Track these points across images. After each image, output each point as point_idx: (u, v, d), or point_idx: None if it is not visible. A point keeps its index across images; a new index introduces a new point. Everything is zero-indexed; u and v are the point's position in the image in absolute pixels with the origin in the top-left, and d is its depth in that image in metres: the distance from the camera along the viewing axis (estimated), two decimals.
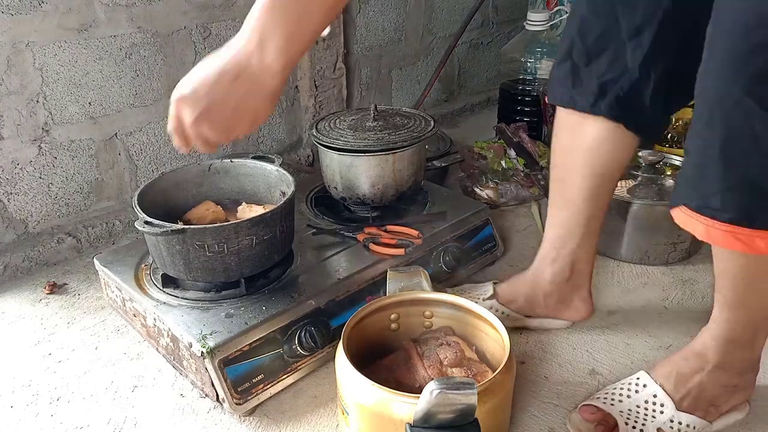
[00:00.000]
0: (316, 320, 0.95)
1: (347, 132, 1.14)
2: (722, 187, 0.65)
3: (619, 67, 0.86)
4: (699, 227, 0.68)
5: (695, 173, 0.68)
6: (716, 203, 0.66)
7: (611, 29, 0.85)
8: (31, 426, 0.90)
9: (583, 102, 0.90)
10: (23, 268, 1.26)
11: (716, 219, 0.66)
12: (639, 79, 0.85)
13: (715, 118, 0.64)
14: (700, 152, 0.67)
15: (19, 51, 1.18)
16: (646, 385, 0.86)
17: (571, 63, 0.90)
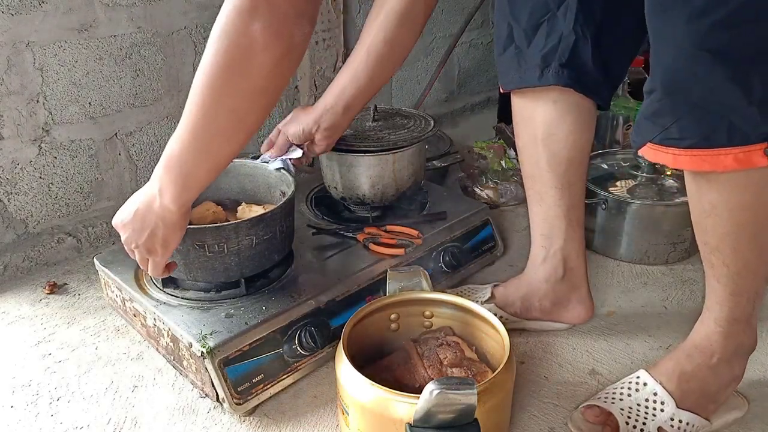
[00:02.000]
0: (316, 320, 0.95)
1: (347, 132, 1.14)
2: (675, 118, 0.70)
3: (555, 36, 0.90)
4: (667, 157, 0.73)
5: (652, 111, 0.73)
6: (675, 134, 0.71)
7: (539, 4, 0.91)
8: (31, 426, 0.90)
9: (531, 77, 0.93)
10: (23, 268, 1.26)
11: (679, 147, 0.71)
12: (576, 40, 0.90)
13: (657, 64, 0.71)
14: (655, 95, 0.72)
15: (19, 51, 1.18)
16: (646, 384, 0.86)
17: (514, 47, 0.95)
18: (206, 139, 0.73)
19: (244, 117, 0.72)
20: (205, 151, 0.75)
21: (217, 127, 0.72)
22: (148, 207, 0.81)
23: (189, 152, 0.74)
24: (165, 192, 0.78)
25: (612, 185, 1.31)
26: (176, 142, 0.74)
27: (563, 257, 1.02)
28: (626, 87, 1.61)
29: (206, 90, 0.73)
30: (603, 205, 1.26)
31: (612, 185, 1.31)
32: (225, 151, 0.75)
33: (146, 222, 0.81)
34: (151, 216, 0.81)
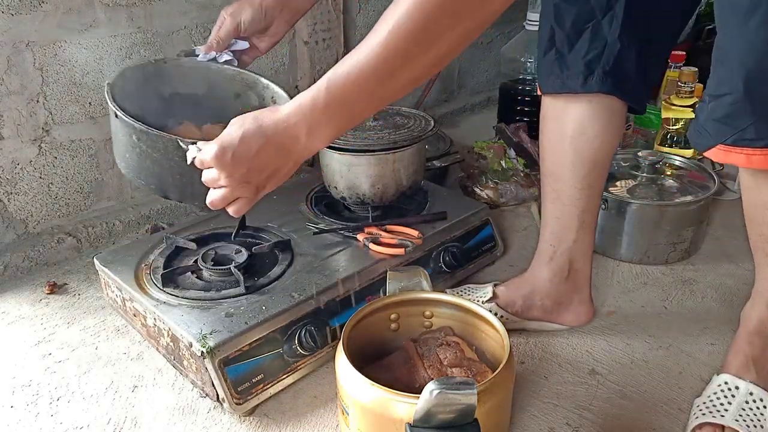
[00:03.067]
0: (316, 320, 0.95)
1: (347, 132, 1.14)
2: (753, 120, 0.74)
3: (599, 43, 0.91)
4: (740, 158, 0.77)
5: (724, 113, 0.76)
6: (750, 134, 0.75)
7: (585, 11, 0.91)
8: (31, 426, 0.90)
9: (574, 83, 0.94)
10: (23, 268, 1.26)
11: (753, 147, 0.76)
12: (620, 49, 0.91)
13: (735, 68, 0.73)
14: (728, 98, 0.75)
15: (19, 51, 1.18)
16: (738, 387, 0.86)
17: (556, 51, 0.95)
18: (386, 84, 0.67)
19: (428, 70, 0.67)
20: (378, 98, 0.69)
21: (405, 75, 0.66)
22: (281, 146, 0.71)
23: (363, 95, 0.67)
24: (318, 132, 0.70)
25: (612, 185, 1.31)
26: (349, 83, 0.67)
27: (570, 258, 1.02)
28: None
29: (416, 31, 0.63)
30: (603, 205, 1.26)
31: (612, 185, 1.31)
32: (390, 97, 0.69)
33: (272, 162, 0.72)
34: (283, 155, 0.72)
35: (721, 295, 1.17)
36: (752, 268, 1.26)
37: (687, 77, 1.56)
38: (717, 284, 1.20)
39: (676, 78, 1.60)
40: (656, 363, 1.00)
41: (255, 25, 0.92)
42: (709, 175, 1.34)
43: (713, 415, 0.85)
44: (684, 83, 1.55)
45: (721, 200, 1.49)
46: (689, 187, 1.30)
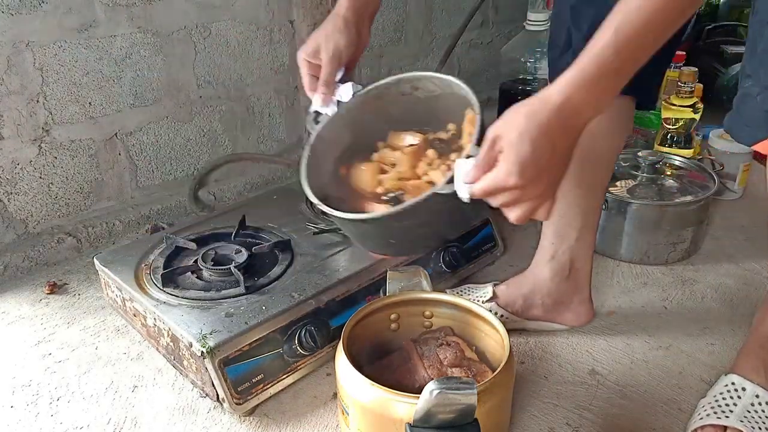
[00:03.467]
0: (316, 320, 0.95)
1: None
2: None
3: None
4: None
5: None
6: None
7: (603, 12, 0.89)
8: (31, 426, 0.90)
9: None
10: (23, 268, 1.26)
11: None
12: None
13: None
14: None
15: (19, 51, 1.18)
16: (744, 388, 0.86)
17: (573, 52, 0.93)
18: (672, 12, 0.64)
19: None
20: (664, 32, 0.65)
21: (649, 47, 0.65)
22: (570, 130, 0.67)
23: (652, 32, 0.65)
24: (607, 96, 0.66)
25: (612, 185, 1.31)
26: (640, 25, 0.63)
27: (571, 257, 1.02)
28: None
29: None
30: (603, 205, 1.25)
31: (612, 185, 1.31)
32: (672, 29, 0.66)
33: (566, 152, 0.68)
34: (569, 140, 0.67)
35: (721, 295, 1.17)
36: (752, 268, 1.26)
37: (687, 77, 1.55)
38: (717, 284, 1.20)
39: (676, 78, 1.60)
40: (656, 363, 1.00)
41: (351, 50, 0.84)
42: (709, 175, 1.34)
43: (718, 416, 0.84)
44: (684, 83, 1.55)
45: (721, 200, 1.49)
46: (689, 187, 1.30)
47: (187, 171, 1.49)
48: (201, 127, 1.48)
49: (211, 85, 1.45)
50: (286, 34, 1.54)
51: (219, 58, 1.44)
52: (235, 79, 1.49)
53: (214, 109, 1.48)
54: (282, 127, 1.63)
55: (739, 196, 1.52)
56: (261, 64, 1.52)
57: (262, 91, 1.55)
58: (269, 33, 1.51)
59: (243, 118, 1.54)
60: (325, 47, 0.83)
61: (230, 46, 1.45)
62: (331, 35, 0.83)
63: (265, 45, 1.51)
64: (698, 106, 1.55)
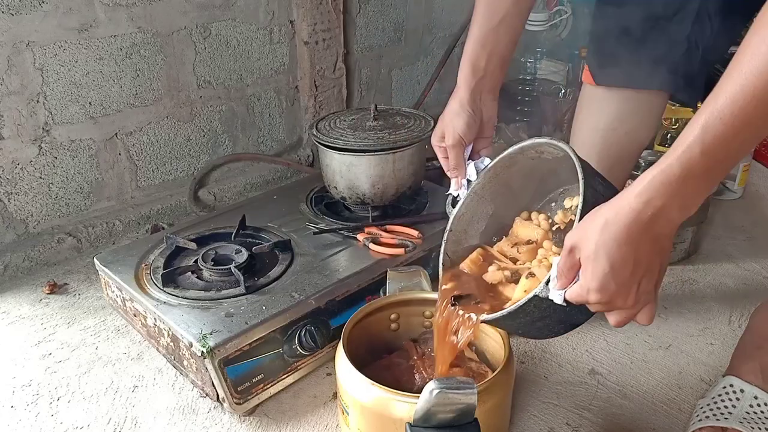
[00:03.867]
0: (316, 320, 0.95)
1: (347, 132, 1.14)
2: None
3: (666, 41, 0.89)
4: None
5: None
6: None
7: (655, 9, 0.90)
8: (31, 426, 0.90)
9: (638, 79, 0.92)
10: (23, 268, 1.26)
11: None
12: (688, 49, 0.89)
13: None
14: None
15: (19, 51, 1.18)
16: (743, 390, 0.86)
17: (621, 45, 0.93)
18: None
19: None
20: (716, 174, 0.59)
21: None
22: (655, 239, 0.62)
23: (748, 132, 0.57)
24: (695, 199, 0.60)
25: None
26: (730, 125, 0.56)
27: None
28: None
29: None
30: None
31: None
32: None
33: (655, 257, 0.63)
34: (658, 246, 0.63)
35: (721, 295, 1.17)
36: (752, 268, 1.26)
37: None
38: (717, 284, 1.20)
39: None
40: (656, 363, 1.00)
41: (473, 128, 0.86)
42: None
43: (717, 417, 0.85)
44: None
45: (721, 200, 1.49)
46: None
47: (187, 171, 1.49)
48: (201, 127, 1.48)
49: (211, 85, 1.46)
50: (286, 34, 1.54)
51: (219, 58, 1.44)
52: (235, 79, 1.49)
53: (214, 109, 1.48)
54: (282, 127, 1.63)
55: (739, 196, 1.52)
56: (261, 64, 1.52)
57: (262, 91, 1.55)
58: (269, 33, 1.51)
59: (243, 118, 1.54)
60: (447, 132, 0.86)
61: (230, 46, 1.45)
62: (450, 119, 0.86)
63: (265, 45, 1.51)
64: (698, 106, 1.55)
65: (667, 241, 0.63)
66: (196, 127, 1.47)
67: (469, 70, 0.86)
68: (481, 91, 0.87)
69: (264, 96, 1.56)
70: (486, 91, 0.87)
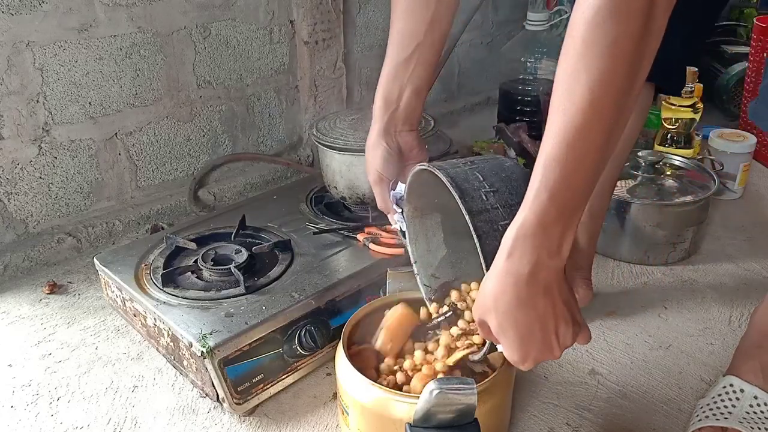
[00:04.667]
0: (316, 320, 0.95)
1: (347, 131, 1.14)
2: None
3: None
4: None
5: None
6: None
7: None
8: (31, 426, 0.90)
9: None
10: (23, 268, 1.26)
11: None
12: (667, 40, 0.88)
13: None
14: None
15: (19, 51, 1.18)
16: (743, 390, 0.86)
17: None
18: (604, 148, 0.57)
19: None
20: (574, 211, 0.59)
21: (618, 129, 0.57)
22: (546, 289, 0.61)
23: (586, 170, 0.57)
24: (562, 245, 0.60)
25: None
26: (570, 167, 0.56)
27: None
28: None
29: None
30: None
31: None
32: (608, 159, 0.59)
33: (557, 304, 0.62)
34: (554, 292, 0.61)
35: (721, 295, 1.17)
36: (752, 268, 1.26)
37: (687, 77, 1.55)
38: (717, 284, 1.20)
39: None
40: (656, 363, 1.00)
41: (393, 160, 0.85)
42: (709, 175, 1.34)
43: (717, 417, 0.84)
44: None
45: (721, 200, 1.49)
46: (689, 187, 1.30)
47: (187, 171, 1.49)
48: (201, 127, 1.48)
49: (211, 85, 1.45)
50: (286, 34, 1.54)
51: (219, 58, 1.44)
52: (235, 79, 1.49)
53: (214, 109, 1.48)
54: (282, 127, 1.63)
55: (739, 196, 1.52)
56: (261, 64, 1.52)
57: (262, 91, 1.55)
58: (269, 33, 1.51)
59: (243, 118, 1.54)
60: (367, 170, 0.87)
61: (230, 46, 1.45)
62: (368, 156, 0.87)
63: (265, 45, 1.51)
64: (698, 106, 1.55)
65: (559, 286, 0.61)
66: (196, 127, 1.47)
67: (381, 103, 0.85)
68: (396, 123, 0.86)
69: (264, 96, 1.56)
70: (401, 123, 0.86)
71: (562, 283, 0.62)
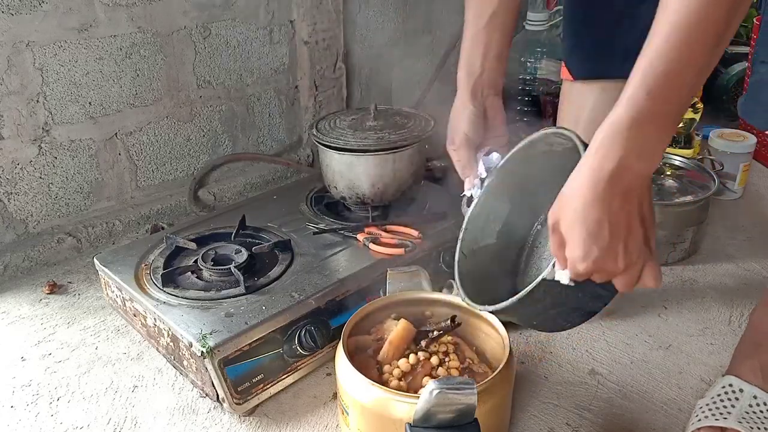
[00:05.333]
0: (316, 320, 0.95)
1: (347, 131, 1.14)
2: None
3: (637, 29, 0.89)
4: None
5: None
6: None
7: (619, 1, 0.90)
8: (31, 426, 0.90)
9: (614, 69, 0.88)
10: (23, 268, 1.26)
11: None
12: None
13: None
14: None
15: (19, 51, 1.18)
16: (742, 390, 0.86)
17: (594, 39, 0.93)
18: (713, 50, 0.56)
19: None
20: (704, 69, 0.58)
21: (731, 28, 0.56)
22: (625, 193, 0.59)
23: (690, 73, 0.57)
24: (651, 145, 0.58)
25: None
26: (674, 67, 0.56)
27: None
28: None
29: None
30: None
31: None
32: (712, 64, 0.59)
33: (632, 212, 0.60)
34: (632, 199, 0.60)
35: (721, 295, 1.17)
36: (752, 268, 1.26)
37: None
38: (717, 284, 1.20)
39: None
40: (656, 363, 1.00)
41: (478, 125, 0.86)
42: (709, 175, 1.34)
43: (716, 417, 0.84)
44: None
45: (721, 200, 1.49)
46: (689, 187, 1.30)
47: (187, 171, 1.49)
48: (201, 127, 1.48)
49: (211, 85, 1.45)
50: (286, 34, 1.54)
51: (219, 58, 1.44)
52: (235, 79, 1.49)
53: (214, 109, 1.48)
54: (282, 127, 1.63)
55: (739, 196, 1.52)
56: (261, 64, 1.52)
57: (262, 91, 1.55)
58: (269, 33, 1.51)
59: (243, 118, 1.54)
60: (453, 133, 0.86)
61: (230, 46, 1.45)
62: (454, 121, 0.87)
63: (265, 45, 1.51)
64: (698, 106, 1.55)
65: (641, 197, 0.60)
66: (196, 127, 1.47)
67: (465, 71, 0.87)
68: (482, 87, 0.87)
69: (264, 96, 1.56)
70: (486, 87, 0.88)
71: (644, 196, 0.61)
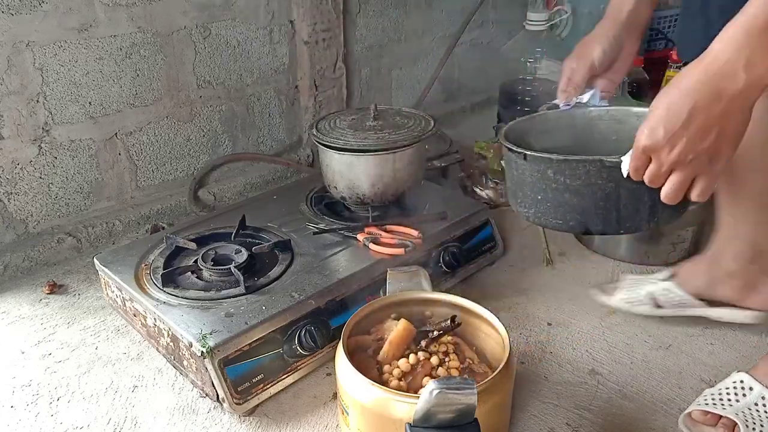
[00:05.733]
0: (316, 320, 0.95)
1: (347, 131, 1.14)
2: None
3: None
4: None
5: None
6: None
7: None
8: (31, 426, 0.90)
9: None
10: (23, 268, 1.26)
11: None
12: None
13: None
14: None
15: (19, 51, 1.18)
16: (752, 388, 0.86)
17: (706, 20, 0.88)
18: None
19: None
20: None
21: None
22: (714, 94, 0.60)
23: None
24: (762, 58, 0.58)
25: None
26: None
27: (752, 240, 0.95)
28: (626, 87, 1.61)
29: None
30: None
31: None
32: None
33: (711, 118, 0.61)
34: (722, 105, 0.60)
35: None
36: None
37: None
38: None
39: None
40: (656, 363, 1.00)
41: (608, 57, 0.88)
42: None
43: (716, 405, 0.85)
44: None
45: None
46: None
47: (187, 171, 1.49)
48: (201, 127, 1.48)
49: (211, 85, 1.46)
50: (286, 34, 1.54)
51: (219, 58, 1.44)
52: (235, 79, 1.49)
53: (214, 109, 1.48)
54: (282, 127, 1.63)
55: None
56: (261, 64, 1.52)
57: (262, 91, 1.55)
58: (269, 33, 1.51)
59: (243, 118, 1.54)
60: (581, 52, 0.89)
61: (230, 46, 1.45)
62: (589, 43, 0.89)
63: (265, 45, 1.51)
64: None
65: (732, 112, 0.60)
66: (196, 127, 1.47)
67: (610, 13, 0.87)
68: (629, 24, 0.87)
69: (264, 96, 1.56)
70: (632, 25, 0.88)
71: (736, 115, 0.61)
